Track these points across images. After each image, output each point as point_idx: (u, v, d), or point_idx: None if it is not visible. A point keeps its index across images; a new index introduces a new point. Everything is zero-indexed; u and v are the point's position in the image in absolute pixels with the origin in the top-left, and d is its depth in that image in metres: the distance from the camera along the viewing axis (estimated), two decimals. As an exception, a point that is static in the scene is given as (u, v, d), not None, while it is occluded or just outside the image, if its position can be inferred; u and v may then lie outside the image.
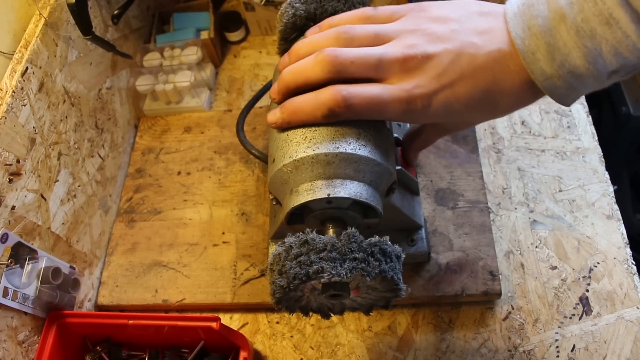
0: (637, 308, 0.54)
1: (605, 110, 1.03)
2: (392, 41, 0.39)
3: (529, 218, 0.60)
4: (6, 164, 0.48)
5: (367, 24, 0.41)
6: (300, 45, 0.42)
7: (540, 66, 0.35)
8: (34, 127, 0.51)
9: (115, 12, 0.64)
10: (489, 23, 0.37)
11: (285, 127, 0.42)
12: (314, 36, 0.41)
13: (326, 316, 0.44)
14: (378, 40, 0.39)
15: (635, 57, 0.33)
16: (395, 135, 0.50)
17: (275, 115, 0.42)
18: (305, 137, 0.40)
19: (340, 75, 0.39)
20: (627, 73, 0.35)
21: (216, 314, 0.49)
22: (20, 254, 0.48)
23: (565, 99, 0.36)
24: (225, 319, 0.59)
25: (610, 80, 0.35)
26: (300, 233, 0.38)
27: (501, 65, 0.36)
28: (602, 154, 0.63)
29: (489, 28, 0.37)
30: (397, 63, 0.38)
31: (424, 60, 0.37)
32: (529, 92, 0.37)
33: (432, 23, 0.38)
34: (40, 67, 0.52)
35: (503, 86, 0.37)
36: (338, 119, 0.40)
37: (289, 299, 0.40)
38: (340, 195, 0.40)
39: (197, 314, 0.58)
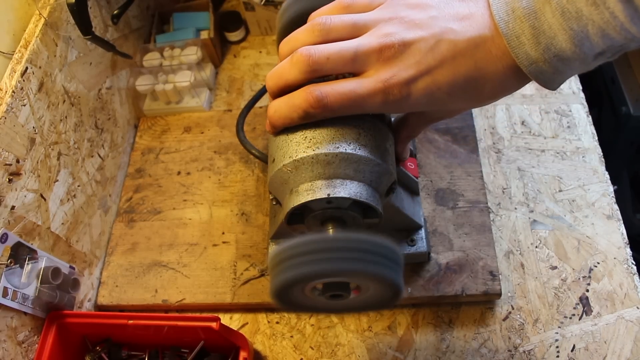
0: (637, 308, 0.54)
1: (605, 110, 1.03)
2: (369, 31, 0.38)
3: (529, 218, 0.60)
4: (6, 164, 0.48)
5: (346, 13, 0.40)
6: (282, 45, 0.42)
7: (525, 50, 0.34)
8: (33, 127, 0.51)
9: (115, 12, 0.64)
10: (469, 8, 0.37)
11: (274, 132, 0.42)
12: (293, 33, 0.41)
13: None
14: (355, 30, 0.39)
15: (623, 37, 0.32)
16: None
17: (267, 121, 0.42)
18: (305, 137, 0.40)
19: (318, 74, 0.38)
20: (614, 54, 0.34)
21: (216, 314, 0.49)
22: (20, 254, 0.48)
23: (551, 83, 0.36)
24: (225, 319, 0.59)
25: (596, 62, 0.34)
26: (302, 232, 0.38)
27: (483, 51, 0.35)
28: (602, 154, 0.63)
29: (470, 13, 0.36)
30: (374, 54, 0.37)
31: (401, 49, 0.36)
32: (514, 77, 0.36)
33: (410, 10, 0.38)
34: (40, 67, 0.52)
35: (485, 72, 0.36)
36: (316, 119, 0.39)
37: (290, 298, 0.40)
38: (340, 195, 0.40)
39: (197, 314, 0.58)
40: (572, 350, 0.53)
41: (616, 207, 0.59)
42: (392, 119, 0.48)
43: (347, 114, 0.39)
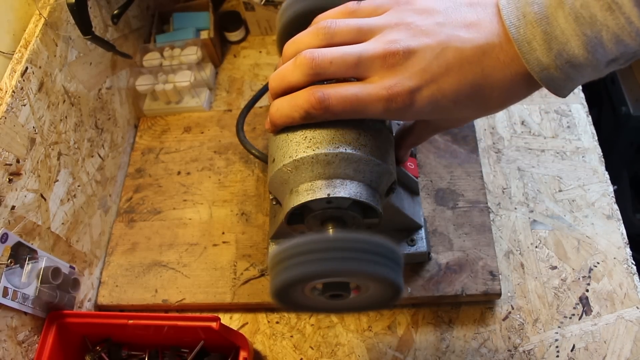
0: (637, 308, 0.54)
1: (605, 110, 1.03)
2: (375, 37, 0.38)
3: (529, 218, 0.60)
4: (6, 164, 0.48)
5: (352, 18, 0.40)
6: (286, 47, 0.41)
7: (537, 56, 0.33)
8: (33, 127, 0.51)
9: (115, 12, 0.64)
10: (477, 14, 0.36)
11: (274, 130, 0.42)
12: (297, 35, 0.41)
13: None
14: (360, 35, 0.38)
15: (637, 44, 0.31)
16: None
17: (267, 119, 0.42)
18: (305, 137, 0.40)
19: (320, 77, 0.38)
20: (627, 61, 0.33)
21: (216, 314, 0.49)
22: (20, 254, 0.48)
23: (562, 90, 0.35)
24: (225, 319, 0.59)
25: (608, 69, 0.34)
26: (302, 232, 0.38)
27: (490, 58, 0.35)
28: (602, 153, 0.63)
29: (477, 20, 0.36)
30: (377, 60, 0.36)
31: (406, 56, 0.36)
32: (523, 84, 0.36)
33: (417, 16, 0.37)
34: (40, 67, 0.52)
35: (493, 80, 0.35)
36: (317, 120, 0.39)
37: (290, 298, 0.40)
38: (340, 195, 0.40)
39: (197, 314, 0.58)
40: (571, 350, 0.53)
41: (616, 207, 0.59)
42: (399, 124, 0.48)
43: (348, 118, 0.39)
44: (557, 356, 0.53)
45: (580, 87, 0.68)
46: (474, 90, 0.36)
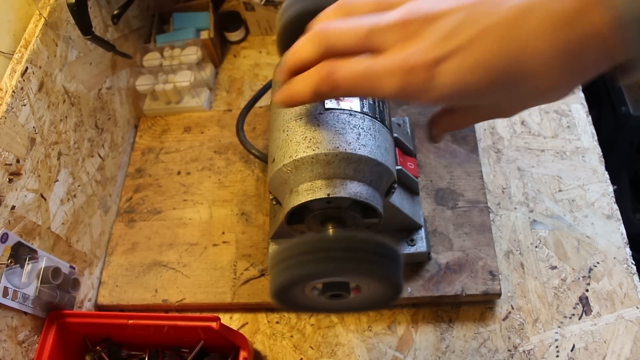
0: (637, 308, 0.54)
1: (605, 110, 1.03)
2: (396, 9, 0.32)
3: (529, 218, 0.60)
4: (6, 164, 0.48)
5: None
6: (311, 23, 0.38)
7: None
8: (33, 127, 0.51)
9: (115, 12, 0.64)
10: None
11: (283, 106, 0.39)
12: (323, 11, 0.37)
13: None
14: (380, 8, 0.33)
15: None
16: (395, 135, 0.50)
17: (277, 94, 0.39)
18: (305, 137, 0.40)
19: (331, 50, 0.34)
20: None
21: (216, 314, 0.49)
22: (20, 254, 0.48)
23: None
24: (225, 318, 0.59)
25: None
26: (302, 232, 0.38)
27: (531, 20, 0.28)
28: (601, 153, 0.63)
29: None
30: (394, 29, 0.31)
31: (426, 22, 0.30)
32: (586, 51, 0.27)
33: None
34: (40, 67, 0.53)
35: (535, 48, 0.28)
36: (327, 97, 0.36)
37: (289, 298, 0.40)
38: (340, 195, 0.40)
39: (197, 314, 0.58)
40: (571, 350, 0.53)
41: (616, 206, 0.60)
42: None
43: (359, 95, 0.36)
44: (557, 356, 0.53)
45: (579, 86, 0.68)
46: (512, 63, 0.29)
